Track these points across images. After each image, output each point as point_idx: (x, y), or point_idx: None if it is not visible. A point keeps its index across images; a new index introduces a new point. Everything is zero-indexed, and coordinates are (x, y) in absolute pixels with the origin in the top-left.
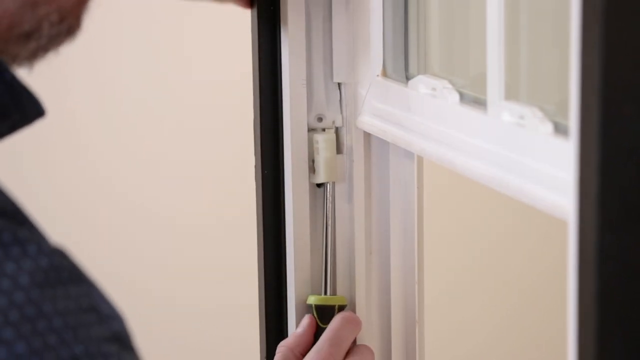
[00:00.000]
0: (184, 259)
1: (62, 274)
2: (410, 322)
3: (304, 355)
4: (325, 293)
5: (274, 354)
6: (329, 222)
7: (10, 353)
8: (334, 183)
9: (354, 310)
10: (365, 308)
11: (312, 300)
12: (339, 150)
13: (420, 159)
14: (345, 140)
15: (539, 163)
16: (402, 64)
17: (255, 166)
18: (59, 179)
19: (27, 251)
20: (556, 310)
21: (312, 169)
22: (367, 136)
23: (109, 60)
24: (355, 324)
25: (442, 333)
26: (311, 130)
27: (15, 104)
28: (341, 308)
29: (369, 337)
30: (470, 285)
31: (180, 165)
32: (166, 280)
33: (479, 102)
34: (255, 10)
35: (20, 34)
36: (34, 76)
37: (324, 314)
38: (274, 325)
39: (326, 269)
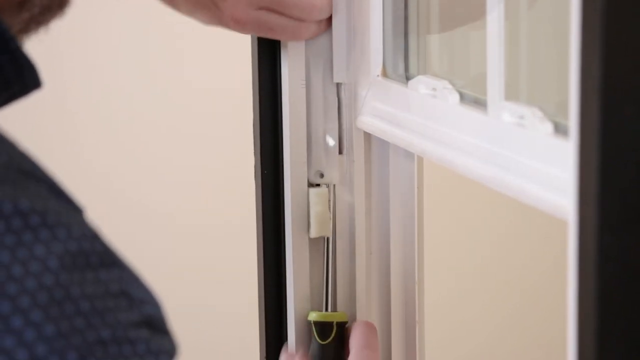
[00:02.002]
0: (183, 261)
1: (92, 258)
2: (410, 323)
3: None
4: (327, 309)
5: None
6: (330, 274)
7: (38, 335)
8: (334, 238)
9: (354, 311)
10: (366, 308)
11: (312, 317)
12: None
13: (420, 159)
14: (345, 142)
15: (539, 163)
16: (402, 64)
17: (255, 167)
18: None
19: (57, 235)
20: (556, 310)
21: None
22: (367, 136)
23: (109, 61)
24: (374, 329)
25: (442, 333)
26: (311, 185)
27: (17, 74)
28: (340, 324)
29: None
30: (470, 285)
31: (181, 167)
32: (166, 281)
33: (479, 103)
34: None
35: (13, 3)
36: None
37: (323, 331)
38: (273, 339)
39: (327, 286)
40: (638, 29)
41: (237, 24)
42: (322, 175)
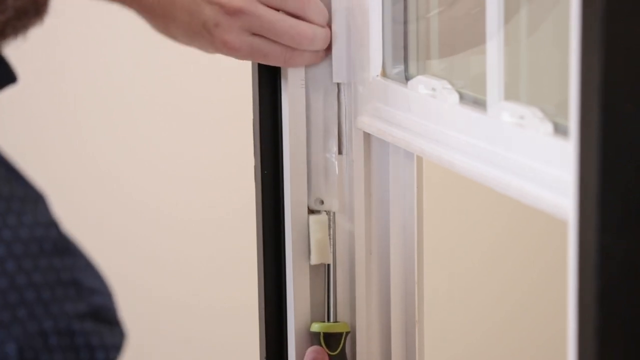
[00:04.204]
0: (183, 256)
1: (45, 245)
2: (410, 322)
3: None
4: (329, 320)
5: None
6: (332, 300)
7: None
8: (334, 264)
9: (354, 312)
10: (366, 308)
11: (317, 327)
12: (339, 151)
13: (419, 159)
14: (345, 143)
15: (539, 163)
16: (402, 64)
17: (255, 167)
18: (59, 174)
19: (7, 222)
20: (556, 310)
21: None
22: (367, 136)
23: (112, 61)
24: None
25: (442, 333)
26: (311, 212)
27: None
28: (346, 334)
29: (369, 337)
30: (470, 285)
31: (182, 163)
32: (166, 278)
33: (479, 103)
34: None
35: None
36: (37, 72)
37: (332, 342)
38: (273, 345)
39: (329, 295)
40: (638, 29)
41: (231, 50)
42: (322, 202)
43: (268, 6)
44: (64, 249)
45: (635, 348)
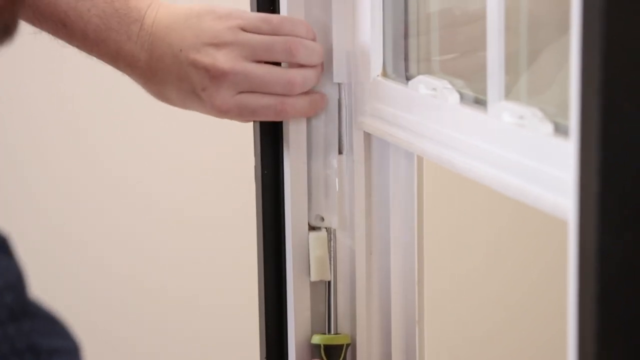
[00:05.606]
0: (183, 261)
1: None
2: (410, 322)
3: None
4: (329, 331)
5: None
6: (332, 316)
7: None
8: (335, 279)
9: (354, 310)
10: (366, 308)
11: (318, 340)
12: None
13: (420, 159)
14: (345, 142)
15: (539, 163)
16: (402, 64)
17: (255, 167)
18: (58, 174)
19: None
20: (557, 310)
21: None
22: (368, 136)
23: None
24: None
25: (442, 333)
26: (311, 229)
27: None
28: (347, 346)
29: (369, 337)
30: (470, 285)
31: (182, 163)
32: (166, 283)
33: (479, 103)
34: (254, 5)
35: None
36: (36, 66)
37: (332, 354)
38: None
39: (329, 306)
40: (638, 29)
41: (220, 112)
42: (322, 219)
43: (256, 60)
44: (21, 314)
45: (635, 348)
